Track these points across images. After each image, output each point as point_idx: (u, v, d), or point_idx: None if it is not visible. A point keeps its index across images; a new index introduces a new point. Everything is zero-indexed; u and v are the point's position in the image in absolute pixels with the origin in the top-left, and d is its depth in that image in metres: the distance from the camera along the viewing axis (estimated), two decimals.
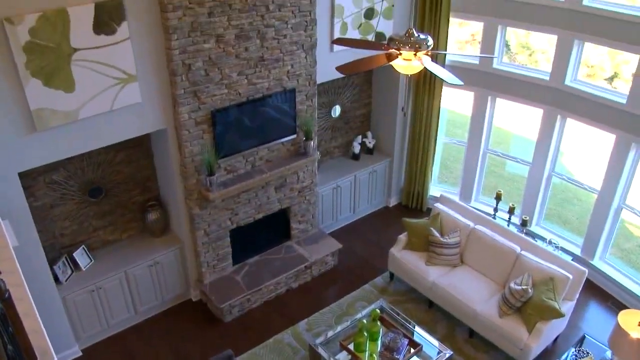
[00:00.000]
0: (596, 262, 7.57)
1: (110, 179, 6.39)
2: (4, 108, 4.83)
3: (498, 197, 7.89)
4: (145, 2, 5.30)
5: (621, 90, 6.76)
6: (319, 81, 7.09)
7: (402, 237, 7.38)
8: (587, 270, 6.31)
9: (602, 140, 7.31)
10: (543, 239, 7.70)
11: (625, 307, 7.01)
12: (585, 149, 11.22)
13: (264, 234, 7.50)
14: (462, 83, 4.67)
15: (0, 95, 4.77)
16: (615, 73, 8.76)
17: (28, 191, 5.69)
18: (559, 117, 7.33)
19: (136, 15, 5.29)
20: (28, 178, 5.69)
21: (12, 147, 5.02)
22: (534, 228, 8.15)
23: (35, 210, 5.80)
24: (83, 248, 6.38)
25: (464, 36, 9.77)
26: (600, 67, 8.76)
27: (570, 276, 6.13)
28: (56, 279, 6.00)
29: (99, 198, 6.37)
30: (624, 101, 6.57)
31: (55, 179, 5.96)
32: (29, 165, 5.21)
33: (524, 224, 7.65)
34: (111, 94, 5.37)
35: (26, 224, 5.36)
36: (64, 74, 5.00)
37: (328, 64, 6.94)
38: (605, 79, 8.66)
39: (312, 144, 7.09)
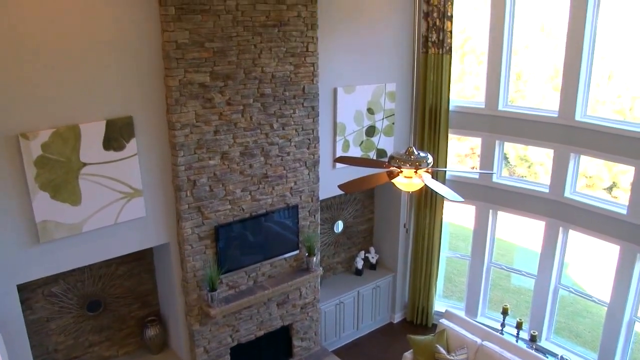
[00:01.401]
0: None
1: (109, 292, 6.30)
2: (9, 219, 4.89)
3: (505, 312, 7.74)
4: (155, 119, 5.53)
5: (621, 200, 6.83)
6: (321, 197, 7.20)
7: (408, 355, 7.14)
8: None
9: (608, 250, 7.24)
10: (554, 354, 7.44)
11: None
12: (591, 258, 11.09)
13: (265, 352, 7.25)
14: (462, 199, 4.72)
15: (7, 207, 4.85)
16: (613, 182, 8.92)
17: (25, 304, 5.60)
18: (561, 229, 7.35)
19: (145, 133, 5.50)
20: (26, 290, 5.61)
21: (14, 259, 5.00)
22: (543, 343, 7.87)
23: (30, 324, 5.67)
24: None
25: (463, 150, 10.07)
26: (598, 177, 8.94)
27: None
28: None
29: (97, 312, 6.24)
30: (624, 212, 6.62)
31: (54, 292, 5.87)
32: (29, 277, 5.17)
33: (533, 339, 7.43)
34: (116, 207, 5.45)
35: (20, 338, 5.20)
36: (71, 187, 5.11)
37: (331, 181, 7.09)
38: (604, 189, 8.80)
39: (315, 259, 7.06)
